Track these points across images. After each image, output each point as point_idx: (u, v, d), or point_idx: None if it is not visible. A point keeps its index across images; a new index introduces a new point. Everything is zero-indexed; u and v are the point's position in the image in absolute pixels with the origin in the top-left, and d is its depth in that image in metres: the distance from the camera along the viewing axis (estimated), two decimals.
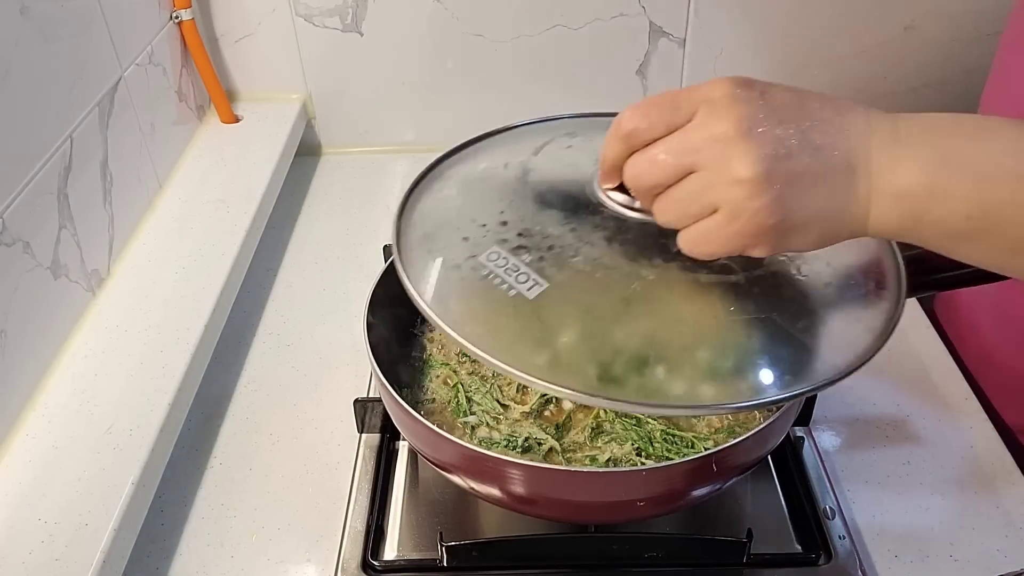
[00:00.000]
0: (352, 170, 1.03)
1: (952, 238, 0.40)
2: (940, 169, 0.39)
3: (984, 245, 0.39)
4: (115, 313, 0.71)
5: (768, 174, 0.38)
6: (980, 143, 0.39)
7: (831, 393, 0.70)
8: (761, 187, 0.38)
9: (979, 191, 0.38)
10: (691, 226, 0.41)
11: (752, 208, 0.39)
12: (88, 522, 0.54)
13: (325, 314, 0.81)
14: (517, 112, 0.58)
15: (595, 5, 0.95)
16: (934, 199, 0.39)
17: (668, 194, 0.41)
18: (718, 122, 0.39)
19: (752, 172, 0.38)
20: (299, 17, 0.96)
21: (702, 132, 0.40)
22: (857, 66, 0.99)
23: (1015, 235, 0.38)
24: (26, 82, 0.63)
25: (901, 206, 0.39)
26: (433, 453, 0.54)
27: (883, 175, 0.39)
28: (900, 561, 0.58)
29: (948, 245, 0.40)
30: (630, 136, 0.42)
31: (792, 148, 0.39)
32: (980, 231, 0.39)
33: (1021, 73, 0.66)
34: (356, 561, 0.58)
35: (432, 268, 0.48)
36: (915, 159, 0.39)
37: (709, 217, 0.40)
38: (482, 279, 0.46)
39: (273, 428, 0.70)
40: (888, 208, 0.39)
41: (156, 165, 0.85)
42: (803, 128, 0.39)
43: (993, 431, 0.67)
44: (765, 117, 0.39)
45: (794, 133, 0.39)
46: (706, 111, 0.40)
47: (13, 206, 0.61)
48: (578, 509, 0.53)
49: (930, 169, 0.39)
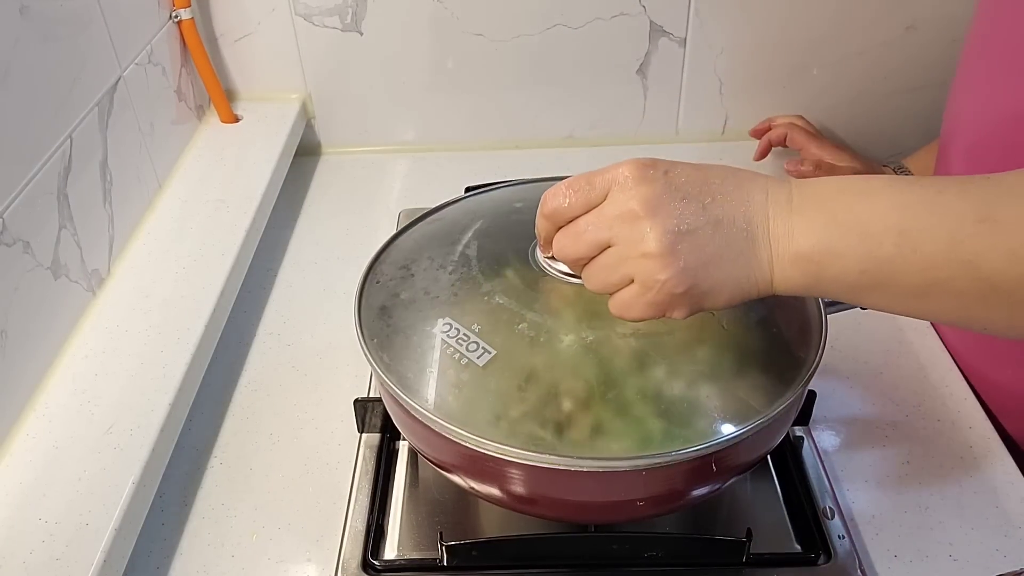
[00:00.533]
0: (352, 170, 1.03)
1: (853, 291, 0.43)
2: (830, 231, 0.42)
3: (885, 295, 0.42)
4: (115, 313, 0.71)
5: (673, 248, 0.42)
6: (865, 203, 0.42)
7: (831, 393, 0.70)
8: (667, 260, 0.42)
9: (866, 247, 0.41)
10: (615, 294, 0.45)
11: (661, 280, 0.43)
12: (89, 522, 0.54)
13: (325, 314, 0.81)
14: (517, 112, 0.58)
15: (595, 5, 0.95)
16: (828, 258, 0.42)
17: (591, 266, 0.46)
18: (627, 201, 0.43)
19: (658, 247, 0.42)
20: (299, 17, 0.96)
21: (612, 210, 0.43)
22: (857, 66, 0.99)
23: (909, 284, 0.41)
24: (25, 82, 0.63)
25: (800, 267, 0.43)
26: (433, 453, 0.54)
27: (781, 241, 0.43)
28: (899, 561, 0.59)
29: (852, 296, 0.44)
30: (553, 215, 0.46)
31: (695, 223, 0.42)
32: (876, 284, 0.42)
33: (983, 76, 0.66)
34: (356, 561, 0.58)
35: (391, 341, 0.53)
36: (807, 224, 0.42)
37: (627, 287, 0.44)
38: (435, 349, 0.51)
39: (273, 428, 0.70)
40: (789, 270, 0.43)
41: (156, 165, 0.85)
42: (705, 203, 0.43)
43: (993, 431, 0.67)
44: (668, 195, 0.43)
45: (696, 209, 0.43)
46: (616, 191, 0.44)
47: (13, 206, 0.61)
48: (578, 509, 0.53)
49: (820, 232, 0.42)
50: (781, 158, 0.97)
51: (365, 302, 0.56)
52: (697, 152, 1.04)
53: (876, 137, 1.05)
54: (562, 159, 1.03)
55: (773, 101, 1.02)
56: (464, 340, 0.51)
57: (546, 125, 1.04)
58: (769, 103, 1.02)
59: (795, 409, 0.55)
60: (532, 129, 1.04)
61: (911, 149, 0.90)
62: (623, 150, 1.04)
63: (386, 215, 0.94)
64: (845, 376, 0.73)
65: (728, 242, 0.43)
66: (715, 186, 0.44)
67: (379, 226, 0.92)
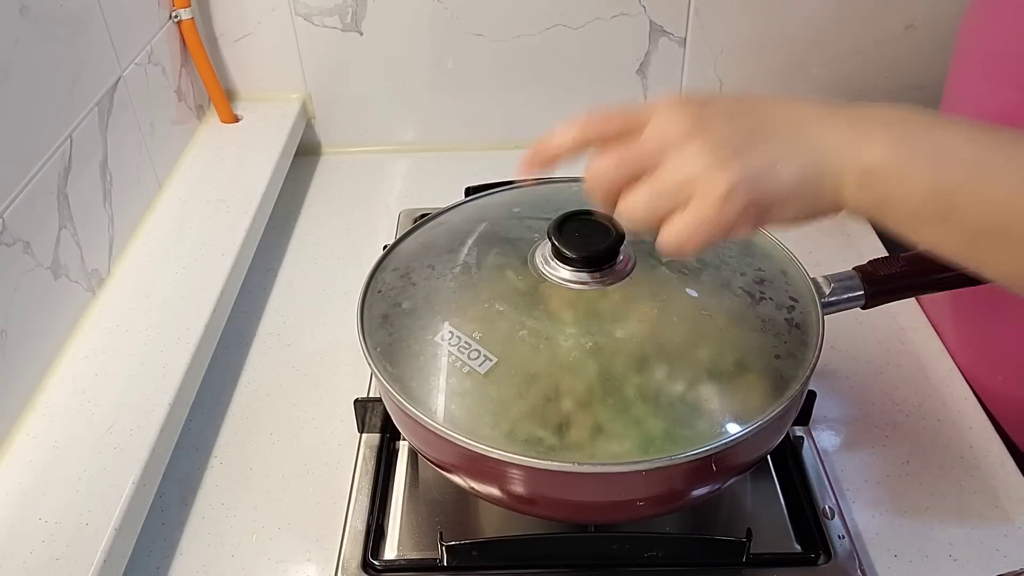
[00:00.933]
0: (352, 170, 1.03)
1: (916, 219, 0.41)
2: (900, 149, 0.40)
3: (944, 230, 0.40)
4: (115, 313, 0.71)
5: (729, 158, 0.39)
6: (939, 130, 0.40)
7: (831, 393, 0.70)
8: (725, 169, 0.39)
9: (939, 171, 0.39)
10: (670, 223, 0.42)
11: (722, 191, 0.39)
12: (89, 522, 0.54)
13: (325, 314, 0.81)
14: (517, 112, 0.58)
15: (595, 4, 0.95)
16: (898, 176, 0.40)
17: (637, 191, 0.42)
18: (674, 122, 0.41)
19: (713, 158, 0.39)
20: (299, 16, 0.96)
21: (656, 133, 0.41)
22: (857, 65, 0.99)
23: (972, 221, 0.39)
24: (25, 82, 0.63)
25: (869, 182, 0.40)
26: (433, 453, 0.54)
27: (847, 155, 0.40)
28: (899, 561, 0.59)
29: (914, 227, 0.41)
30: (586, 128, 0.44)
31: (748, 136, 0.40)
32: (940, 214, 0.40)
33: (977, 72, 0.66)
34: (356, 561, 0.58)
35: (393, 350, 0.53)
36: (876, 140, 0.40)
37: (685, 210, 0.41)
38: (438, 357, 0.51)
39: (273, 428, 0.70)
40: (856, 186, 0.40)
41: (156, 165, 0.85)
42: (756, 118, 0.41)
43: (993, 431, 0.67)
44: (715, 113, 0.41)
45: (749, 123, 0.41)
46: (661, 116, 0.41)
47: (13, 206, 0.61)
48: (578, 509, 0.54)
49: (891, 147, 0.40)
50: None
51: (367, 312, 0.56)
52: None
53: None
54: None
55: None
56: (465, 348, 0.51)
57: (546, 125, 1.03)
58: None
59: (795, 409, 0.55)
60: (532, 129, 1.03)
61: None
62: None
63: (386, 215, 0.94)
64: (845, 376, 0.73)
65: (788, 151, 0.40)
66: (762, 105, 0.41)
67: (379, 226, 0.92)
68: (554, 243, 0.54)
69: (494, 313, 0.52)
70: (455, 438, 0.48)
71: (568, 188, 0.66)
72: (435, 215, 0.64)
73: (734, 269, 0.56)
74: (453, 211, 0.65)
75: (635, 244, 0.56)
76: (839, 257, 0.85)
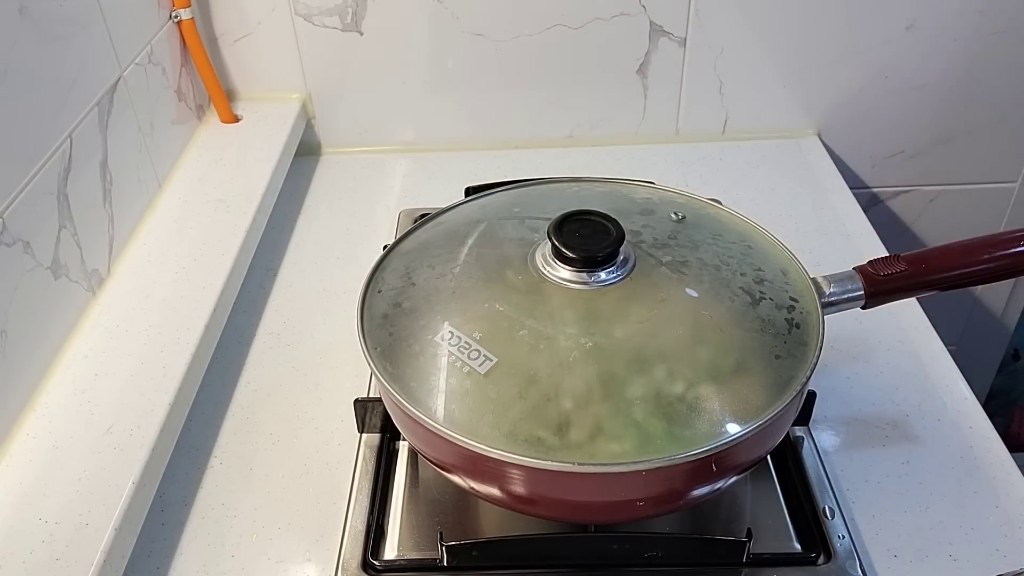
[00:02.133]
0: (352, 170, 1.03)
1: None
2: None
3: None
4: (115, 313, 0.71)
5: None
6: None
7: (831, 393, 0.70)
8: None
9: None
10: None
11: None
12: (89, 522, 0.54)
13: (325, 314, 0.81)
14: (517, 112, 0.58)
15: (595, 4, 0.95)
16: None
17: None
18: None
19: None
20: (299, 16, 0.96)
21: None
22: (857, 65, 0.99)
23: None
24: (25, 82, 0.63)
25: None
26: (433, 453, 0.54)
27: None
28: (899, 561, 0.59)
29: None
30: None
31: None
32: None
33: None
34: (356, 561, 0.58)
35: (393, 350, 0.53)
36: None
37: None
38: (438, 357, 0.51)
39: (273, 428, 0.70)
40: None
41: (156, 165, 0.85)
42: None
43: (993, 431, 0.67)
44: None
45: None
46: None
47: (13, 206, 0.61)
48: (578, 509, 0.54)
49: None
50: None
51: (367, 312, 0.56)
52: (697, 152, 1.04)
53: (876, 136, 1.05)
54: (562, 159, 1.03)
55: (773, 101, 1.02)
56: (466, 348, 0.51)
57: (546, 125, 1.04)
58: (769, 103, 1.03)
59: (795, 409, 0.55)
60: (532, 129, 1.04)
61: (911, 148, 0.90)
62: (623, 150, 1.04)
63: (386, 215, 0.94)
64: (845, 376, 0.73)
65: None
66: None
67: (379, 226, 0.92)
68: (554, 243, 0.54)
69: (494, 313, 0.52)
70: (455, 438, 0.48)
71: (568, 188, 0.66)
72: (435, 215, 0.64)
73: (734, 269, 0.56)
74: (453, 211, 0.65)
75: (635, 244, 0.56)
76: (839, 257, 0.85)
